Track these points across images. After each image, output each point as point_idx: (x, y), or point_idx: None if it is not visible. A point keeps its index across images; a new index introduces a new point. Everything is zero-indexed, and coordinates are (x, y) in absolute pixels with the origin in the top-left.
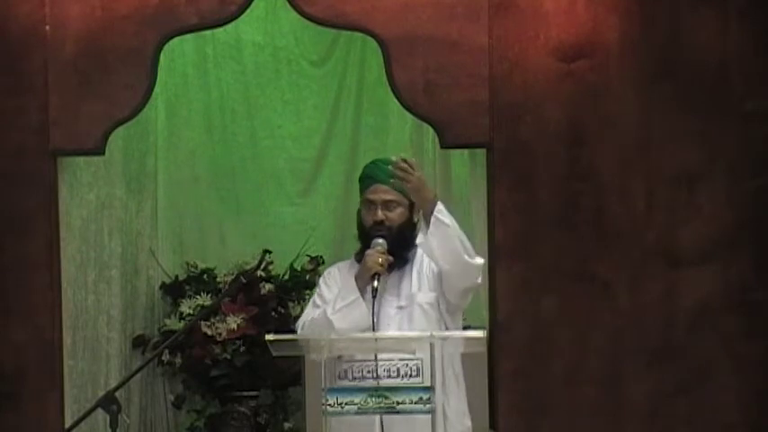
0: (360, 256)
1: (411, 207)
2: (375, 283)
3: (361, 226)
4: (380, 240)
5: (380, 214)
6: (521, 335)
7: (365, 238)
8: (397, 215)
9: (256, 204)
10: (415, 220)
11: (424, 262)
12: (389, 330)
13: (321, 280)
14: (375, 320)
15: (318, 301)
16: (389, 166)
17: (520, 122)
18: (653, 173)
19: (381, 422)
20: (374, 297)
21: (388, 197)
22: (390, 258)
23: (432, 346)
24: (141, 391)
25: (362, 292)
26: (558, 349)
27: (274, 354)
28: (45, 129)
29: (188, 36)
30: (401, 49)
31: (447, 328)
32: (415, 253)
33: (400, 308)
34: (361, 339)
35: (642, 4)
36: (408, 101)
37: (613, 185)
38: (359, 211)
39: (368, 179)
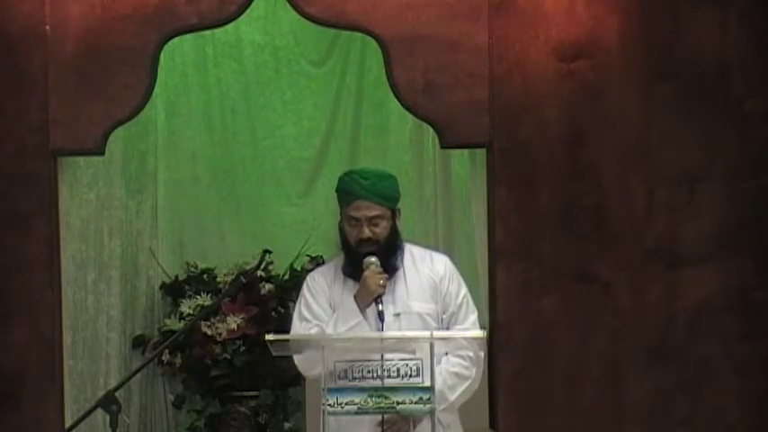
0: (349, 270)
1: (393, 215)
2: (380, 307)
3: (345, 241)
4: (373, 259)
5: (367, 231)
6: (521, 335)
7: (352, 254)
8: (382, 229)
9: (256, 204)
10: (398, 225)
11: (420, 269)
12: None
13: (305, 288)
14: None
15: (307, 314)
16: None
17: (520, 122)
18: (653, 173)
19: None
20: (382, 321)
21: (372, 213)
22: (387, 276)
23: (431, 345)
24: (141, 391)
25: (362, 312)
26: (558, 349)
27: (274, 354)
28: (45, 129)
29: (188, 36)
30: (401, 49)
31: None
32: (403, 257)
33: (397, 315)
34: (361, 340)
35: (642, 4)
36: (408, 101)
37: (613, 185)
38: (340, 225)
39: (347, 194)
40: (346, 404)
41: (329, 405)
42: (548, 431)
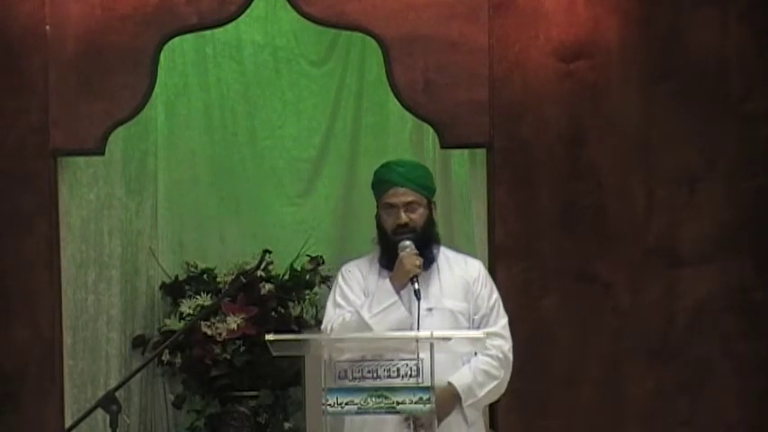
0: (384, 261)
1: (429, 205)
2: (416, 285)
3: (382, 230)
4: (408, 243)
5: (404, 217)
6: (521, 335)
7: (388, 242)
8: (419, 216)
9: (256, 204)
10: (435, 217)
11: (454, 269)
12: (420, 331)
13: (340, 278)
14: (414, 322)
15: (341, 301)
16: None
17: (520, 122)
18: (653, 173)
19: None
20: (419, 299)
21: (409, 198)
22: (422, 259)
23: (432, 346)
24: (141, 391)
25: (398, 293)
26: (558, 349)
27: (274, 354)
28: (45, 129)
29: (188, 36)
30: (401, 49)
31: None
32: (438, 251)
33: (429, 310)
34: (366, 340)
35: (642, 4)
36: (408, 101)
37: (613, 185)
38: (377, 216)
39: (384, 183)
40: (346, 404)
41: (329, 405)
42: (548, 431)
